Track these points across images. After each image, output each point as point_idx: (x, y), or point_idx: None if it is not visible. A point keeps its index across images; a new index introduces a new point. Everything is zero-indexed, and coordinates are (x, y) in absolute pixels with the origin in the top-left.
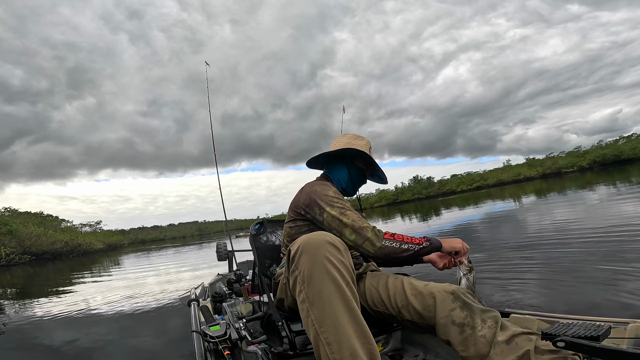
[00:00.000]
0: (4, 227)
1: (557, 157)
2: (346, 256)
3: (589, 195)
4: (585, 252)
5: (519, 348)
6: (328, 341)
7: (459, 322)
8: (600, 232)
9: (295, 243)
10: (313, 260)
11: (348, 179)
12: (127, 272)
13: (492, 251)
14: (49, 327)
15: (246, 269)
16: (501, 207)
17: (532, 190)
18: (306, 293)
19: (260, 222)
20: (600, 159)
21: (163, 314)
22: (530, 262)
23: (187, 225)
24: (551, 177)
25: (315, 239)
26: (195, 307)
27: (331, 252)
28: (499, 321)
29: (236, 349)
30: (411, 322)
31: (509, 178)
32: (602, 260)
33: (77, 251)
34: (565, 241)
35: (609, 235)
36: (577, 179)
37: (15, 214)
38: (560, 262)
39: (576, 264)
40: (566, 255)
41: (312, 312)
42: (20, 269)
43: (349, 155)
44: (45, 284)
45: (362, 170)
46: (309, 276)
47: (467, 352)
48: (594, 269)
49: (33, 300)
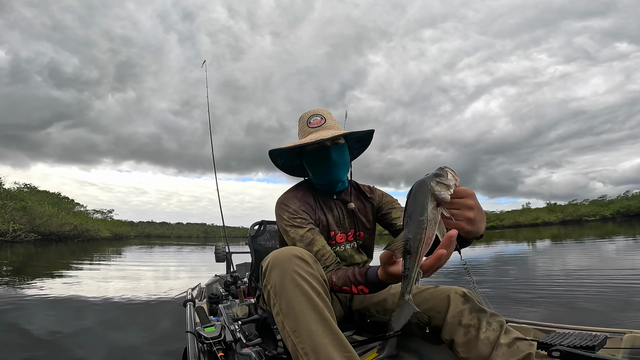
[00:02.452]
0: (19, 202)
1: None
2: (316, 268)
3: (606, 246)
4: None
5: (520, 352)
6: (305, 351)
7: (465, 323)
8: (611, 281)
9: (266, 259)
10: (283, 274)
11: (311, 177)
12: (127, 264)
13: (495, 290)
14: (31, 309)
15: (244, 271)
16: (513, 249)
17: (548, 235)
18: (279, 306)
19: (260, 222)
20: (624, 210)
21: (156, 312)
22: (529, 300)
23: (195, 227)
24: (570, 224)
25: (284, 253)
26: (190, 308)
27: (300, 265)
28: (503, 325)
29: (230, 351)
30: (416, 324)
31: (526, 221)
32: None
33: (84, 236)
34: (571, 286)
35: (618, 285)
36: (597, 228)
37: (33, 191)
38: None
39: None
40: (567, 298)
41: (286, 324)
42: (23, 246)
43: (297, 150)
44: (42, 265)
45: (314, 150)
46: (280, 289)
47: (469, 354)
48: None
49: (26, 280)
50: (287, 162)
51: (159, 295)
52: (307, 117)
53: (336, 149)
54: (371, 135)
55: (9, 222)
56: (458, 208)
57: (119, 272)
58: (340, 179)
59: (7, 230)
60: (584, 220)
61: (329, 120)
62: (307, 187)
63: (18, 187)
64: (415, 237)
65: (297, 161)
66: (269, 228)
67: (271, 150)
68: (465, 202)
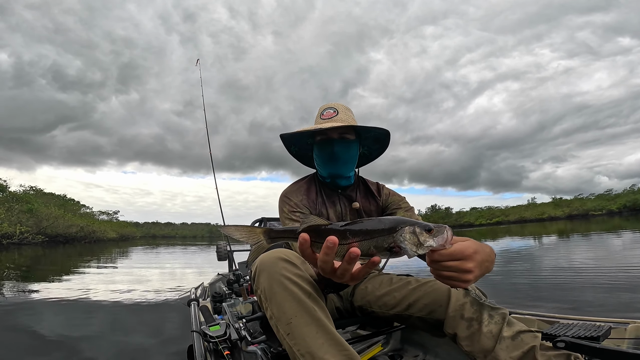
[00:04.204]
0: (25, 205)
1: (585, 199)
2: (304, 268)
3: (612, 240)
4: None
5: (524, 344)
6: (301, 353)
7: (467, 316)
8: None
9: (254, 263)
10: (270, 278)
11: (317, 169)
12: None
13: (499, 286)
14: (42, 311)
15: (246, 269)
16: (519, 245)
17: (555, 230)
18: (271, 310)
19: (260, 219)
20: (630, 204)
21: (162, 312)
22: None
23: (200, 226)
24: (577, 219)
25: (270, 257)
26: (195, 307)
27: (286, 268)
28: (506, 318)
29: (236, 349)
30: (419, 317)
31: (532, 216)
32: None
33: (90, 237)
34: (575, 281)
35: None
36: (604, 223)
37: (39, 193)
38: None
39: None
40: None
41: (280, 327)
42: (31, 248)
43: (306, 143)
44: (51, 267)
45: (322, 141)
46: (270, 294)
47: (472, 347)
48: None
49: (35, 282)
50: (301, 152)
51: (167, 296)
52: (322, 109)
53: (342, 143)
54: (388, 136)
55: (16, 224)
56: (454, 271)
57: (127, 273)
58: (342, 174)
59: (15, 233)
60: (591, 215)
61: (342, 114)
62: (312, 180)
63: (24, 190)
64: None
65: (310, 152)
66: (269, 225)
67: (282, 134)
68: (462, 266)
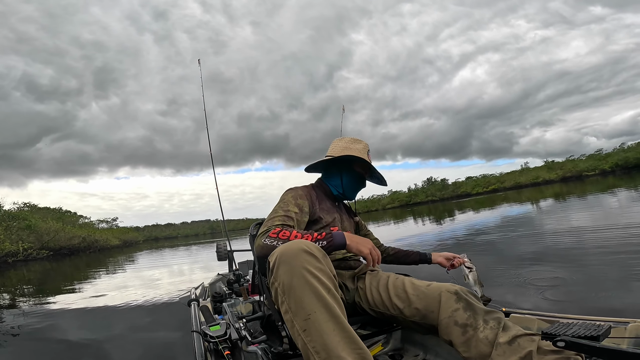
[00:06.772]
0: (23, 222)
1: (577, 160)
2: (325, 262)
3: (608, 200)
4: (600, 261)
5: (521, 349)
6: (316, 350)
7: (461, 322)
8: (620, 238)
9: (274, 254)
10: (291, 271)
11: (341, 185)
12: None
13: (502, 255)
14: (63, 321)
15: (246, 269)
16: (517, 211)
17: (551, 194)
18: (288, 304)
19: (261, 222)
20: (622, 163)
21: (163, 313)
22: (539, 266)
23: (200, 224)
24: (572, 181)
25: (292, 248)
26: (195, 307)
27: (309, 261)
28: (501, 322)
29: (236, 349)
30: (413, 322)
31: (527, 181)
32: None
33: (94, 247)
34: (580, 246)
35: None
36: (598, 183)
37: (34, 209)
38: (572, 264)
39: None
40: (580, 259)
41: (296, 323)
42: (38, 264)
43: (346, 161)
44: (61, 279)
45: (360, 174)
46: (289, 287)
47: (469, 353)
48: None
49: (50, 295)
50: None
51: (176, 295)
52: (367, 148)
53: (367, 181)
54: (383, 182)
55: (17, 242)
56: None
57: (136, 277)
58: (352, 198)
59: (18, 250)
60: (585, 176)
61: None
62: (319, 187)
63: (18, 207)
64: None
65: (335, 166)
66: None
67: (352, 155)
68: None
